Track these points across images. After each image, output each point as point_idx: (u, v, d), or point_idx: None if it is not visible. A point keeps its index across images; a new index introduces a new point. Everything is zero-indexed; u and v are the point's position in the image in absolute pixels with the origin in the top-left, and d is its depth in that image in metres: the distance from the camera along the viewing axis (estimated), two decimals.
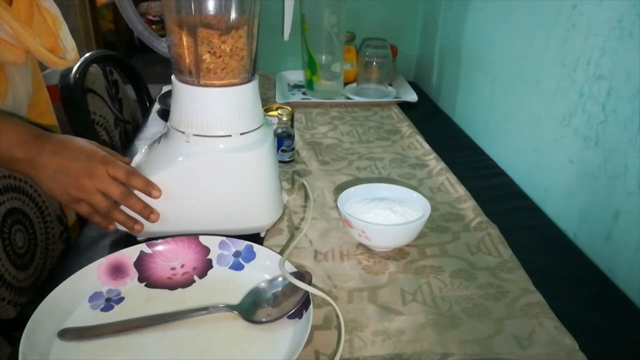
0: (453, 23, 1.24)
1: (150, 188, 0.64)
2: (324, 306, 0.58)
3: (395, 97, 1.29)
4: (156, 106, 1.23)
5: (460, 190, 0.83)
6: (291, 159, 0.94)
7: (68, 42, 0.83)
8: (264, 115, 0.73)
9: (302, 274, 0.58)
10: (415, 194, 0.72)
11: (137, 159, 0.72)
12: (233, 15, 0.64)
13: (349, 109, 1.24)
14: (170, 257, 0.64)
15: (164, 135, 0.70)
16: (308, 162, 0.95)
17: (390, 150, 1.01)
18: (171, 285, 0.61)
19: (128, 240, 0.69)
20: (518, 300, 0.59)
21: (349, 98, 1.27)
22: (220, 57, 0.64)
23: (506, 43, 0.97)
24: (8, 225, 0.76)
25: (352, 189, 0.73)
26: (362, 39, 1.42)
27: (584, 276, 0.67)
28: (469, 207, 0.78)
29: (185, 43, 0.64)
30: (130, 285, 0.61)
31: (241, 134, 0.67)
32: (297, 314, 0.55)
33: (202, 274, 0.63)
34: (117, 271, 0.61)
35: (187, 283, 0.62)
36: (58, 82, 1.03)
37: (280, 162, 0.90)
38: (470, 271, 0.65)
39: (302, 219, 0.76)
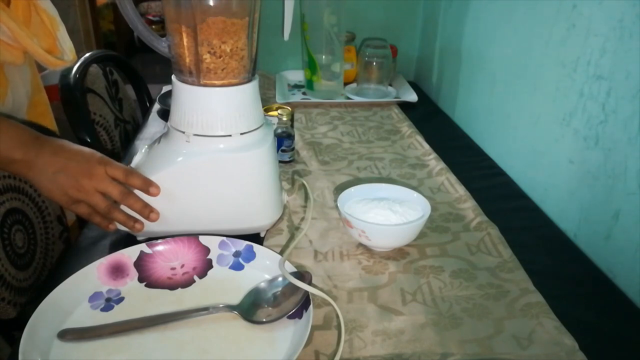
0: (453, 23, 1.24)
1: (148, 186, 0.64)
2: (324, 306, 0.58)
3: (395, 97, 1.29)
4: (156, 106, 1.23)
5: (460, 190, 0.83)
6: (291, 159, 0.94)
7: (66, 43, 0.83)
8: (264, 115, 0.73)
9: (302, 274, 0.58)
10: (415, 194, 0.72)
11: (137, 159, 0.72)
12: (233, 15, 0.64)
13: (349, 109, 1.24)
14: (170, 257, 0.64)
15: (164, 135, 0.70)
16: (308, 162, 0.95)
17: (390, 150, 1.01)
18: (171, 285, 0.61)
19: (128, 240, 0.69)
20: (518, 300, 0.59)
21: (349, 98, 1.27)
22: (220, 57, 0.64)
23: (506, 43, 0.97)
24: (8, 225, 0.76)
25: (352, 189, 0.73)
26: (362, 39, 1.42)
27: (584, 276, 0.67)
28: (469, 207, 0.78)
29: (185, 43, 0.64)
30: (130, 285, 0.61)
31: (241, 134, 0.67)
32: (297, 314, 0.55)
33: (202, 274, 0.63)
34: (117, 271, 0.61)
35: (187, 283, 0.62)
36: (58, 82, 1.03)
37: (280, 162, 0.90)
38: (470, 271, 0.65)
39: (302, 219, 0.76)
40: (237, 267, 0.64)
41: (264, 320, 0.55)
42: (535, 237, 0.74)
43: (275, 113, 0.93)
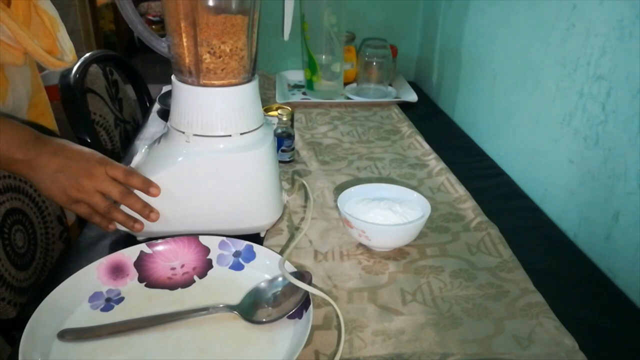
0: (453, 23, 1.24)
1: (148, 186, 0.64)
2: (324, 306, 0.58)
3: (395, 97, 1.29)
4: (156, 106, 1.23)
5: (460, 190, 0.83)
6: (291, 159, 0.94)
7: (66, 43, 0.83)
8: (264, 115, 0.73)
9: (302, 274, 0.58)
10: (415, 194, 0.72)
11: (137, 159, 0.72)
12: (233, 15, 0.64)
13: (349, 109, 1.24)
14: (170, 257, 0.64)
15: (164, 135, 0.70)
16: (308, 162, 0.95)
17: (390, 150, 1.01)
18: (171, 285, 0.61)
19: (128, 240, 0.69)
20: (518, 300, 0.59)
21: (349, 98, 1.27)
22: (220, 57, 0.64)
23: (506, 43, 0.97)
24: (8, 225, 0.76)
25: (352, 189, 0.73)
26: (362, 39, 1.42)
27: (584, 276, 0.67)
28: (469, 207, 0.78)
29: (185, 43, 0.64)
30: (130, 285, 0.61)
31: (241, 134, 0.67)
32: (297, 314, 0.55)
33: (202, 274, 0.63)
34: (117, 271, 0.61)
35: (187, 283, 0.62)
36: (58, 82, 1.03)
37: (280, 162, 0.90)
38: (470, 271, 0.65)
39: (302, 219, 0.76)
40: (237, 267, 0.64)
41: (264, 320, 0.55)
42: (535, 237, 0.74)
43: (275, 113, 0.93)
